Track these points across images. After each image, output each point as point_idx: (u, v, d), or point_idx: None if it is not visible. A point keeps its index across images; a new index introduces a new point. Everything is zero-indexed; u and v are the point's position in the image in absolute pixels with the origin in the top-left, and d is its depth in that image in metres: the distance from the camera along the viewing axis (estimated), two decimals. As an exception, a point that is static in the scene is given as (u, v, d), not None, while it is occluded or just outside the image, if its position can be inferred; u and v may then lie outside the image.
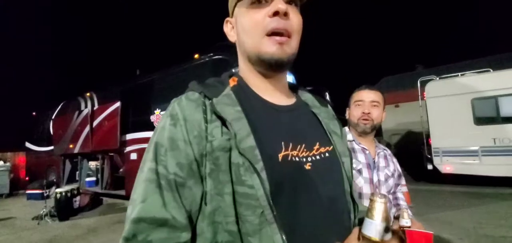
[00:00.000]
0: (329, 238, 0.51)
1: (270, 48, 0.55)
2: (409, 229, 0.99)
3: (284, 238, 0.46)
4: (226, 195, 0.48)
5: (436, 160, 6.94)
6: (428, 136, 7.25)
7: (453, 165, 6.63)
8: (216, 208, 0.48)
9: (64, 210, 5.91)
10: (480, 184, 6.49)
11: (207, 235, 0.49)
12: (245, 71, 0.64)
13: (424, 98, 7.34)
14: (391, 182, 1.29)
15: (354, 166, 1.20)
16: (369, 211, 0.47)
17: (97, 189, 7.75)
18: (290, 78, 5.99)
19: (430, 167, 7.08)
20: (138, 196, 0.48)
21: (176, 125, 0.51)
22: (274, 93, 0.62)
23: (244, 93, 0.59)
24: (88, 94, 8.53)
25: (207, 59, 5.71)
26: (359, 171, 1.23)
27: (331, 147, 0.61)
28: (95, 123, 7.48)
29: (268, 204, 0.46)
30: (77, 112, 8.21)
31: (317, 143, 0.59)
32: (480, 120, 6.44)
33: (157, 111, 6.26)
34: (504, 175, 6.00)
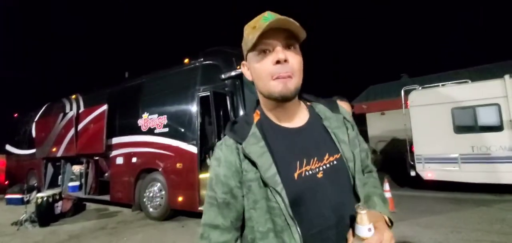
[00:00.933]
0: (337, 229, 0.71)
1: (277, 88, 0.73)
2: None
3: (300, 233, 0.68)
4: (258, 209, 0.71)
5: (419, 167, 7.16)
6: (411, 143, 7.48)
7: (435, 172, 6.87)
8: (249, 217, 0.74)
9: (45, 215, 5.73)
10: (459, 190, 6.74)
11: (245, 232, 0.76)
12: (264, 103, 0.82)
13: (408, 106, 7.59)
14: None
15: None
16: (356, 220, 0.65)
17: (81, 194, 7.53)
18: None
19: (413, 173, 7.30)
20: (204, 210, 0.80)
21: (219, 165, 0.77)
22: (289, 118, 0.80)
23: (266, 125, 0.79)
24: (73, 96, 8.33)
25: (197, 64, 5.71)
26: None
27: (339, 154, 0.76)
28: (80, 126, 7.30)
29: (288, 213, 0.68)
30: (61, 115, 7.99)
31: (327, 154, 0.75)
32: (459, 129, 6.71)
33: (145, 114, 6.18)
34: (481, 182, 6.26)
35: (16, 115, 10.96)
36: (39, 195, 5.90)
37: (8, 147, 10.60)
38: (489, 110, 6.34)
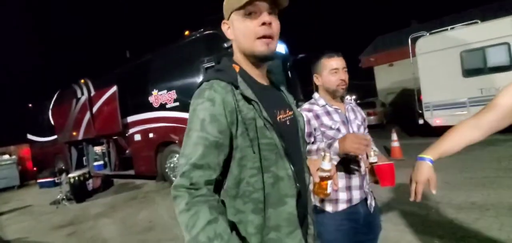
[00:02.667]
0: (302, 168, 0.91)
1: (261, 48, 0.82)
2: (376, 164, 1.30)
3: (291, 166, 0.80)
4: (254, 146, 0.77)
5: (427, 114, 7.23)
6: (419, 92, 7.48)
7: (443, 118, 6.94)
8: (243, 155, 0.77)
9: (80, 192, 6.27)
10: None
11: (235, 173, 0.79)
12: (242, 61, 0.89)
13: (415, 54, 7.48)
14: (361, 129, 1.49)
15: (332, 126, 1.40)
16: (322, 157, 0.95)
17: (107, 172, 8.08)
18: (281, 47, 6.06)
19: (421, 121, 7.39)
20: (189, 152, 0.74)
21: (214, 105, 0.75)
22: (261, 77, 0.91)
23: (247, 78, 0.85)
24: (82, 81, 8.57)
25: (198, 35, 5.74)
26: (338, 129, 1.39)
27: (292, 112, 0.93)
28: (94, 109, 7.62)
29: (281, 146, 0.79)
30: (74, 100, 8.31)
31: (287, 109, 0.91)
32: (468, 72, 6.64)
33: (154, 91, 6.37)
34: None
35: (30, 105, 11.38)
36: (71, 175, 6.41)
37: (30, 136, 11.18)
38: (499, 50, 6.20)
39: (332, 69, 1.44)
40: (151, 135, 6.59)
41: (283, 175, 0.79)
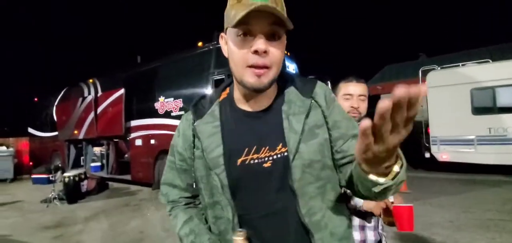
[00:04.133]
0: (283, 216, 0.72)
1: (250, 79, 0.68)
2: (392, 204, 1.19)
3: (234, 210, 0.71)
4: (203, 183, 0.76)
5: (434, 148, 7.10)
6: (427, 125, 7.39)
7: (450, 153, 6.81)
8: (199, 187, 0.79)
9: (73, 193, 6.09)
10: (473, 172, 6.69)
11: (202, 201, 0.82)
12: (235, 83, 0.78)
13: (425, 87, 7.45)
14: None
15: None
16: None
17: (103, 174, 7.92)
18: (292, 67, 6.07)
19: (427, 155, 7.26)
20: (164, 171, 0.88)
21: (179, 136, 0.83)
22: (252, 102, 0.76)
23: (228, 106, 0.79)
24: (91, 81, 8.58)
25: (211, 47, 5.75)
26: None
27: (286, 148, 0.71)
28: (99, 109, 7.58)
29: (223, 194, 0.71)
30: (81, 99, 8.28)
31: (280, 144, 0.72)
32: (477, 110, 6.57)
33: (161, 98, 6.34)
34: (496, 163, 6.20)
35: (36, 99, 11.40)
36: (66, 174, 6.26)
37: (31, 130, 11.11)
38: (509, 90, 6.16)
39: (345, 94, 1.35)
40: (152, 141, 6.49)
41: (223, 219, 0.73)
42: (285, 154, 0.70)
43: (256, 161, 0.71)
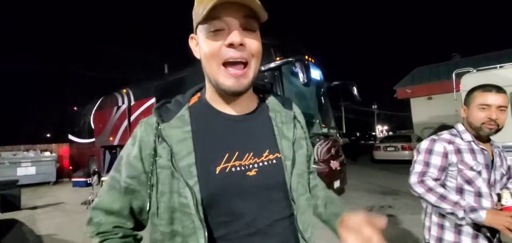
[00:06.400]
0: (267, 235, 0.60)
1: (227, 81, 0.60)
2: (507, 206, 1.19)
3: (206, 239, 0.56)
4: (162, 203, 0.59)
5: (472, 156, 6.65)
6: (463, 131, 6.93)
7: (491, 161, 6.34)
8: (153, 212, 0.61)
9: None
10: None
11: (151, 233, 0.64)
12: (208, 87, 0.69)
13: (459, 90, 7.02)
14: (504, 179, 1.33)
15: (474, 167, 1.24)
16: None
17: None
18: (316, 73, 6.02)
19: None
20: (101, 192, 0.68)
21: (134, 144, 0.65)
22: (233, 105, 0.67)
23: (201, 109, 0.67)
24: (124, 90, 9.15)
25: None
26: (479, 173, 1.25)
27: (276, 154, 0.65)
28: (132, 117, 8.07)
29: (196, 212, 0.56)
30: (115, 108, 8.87)
31: (267, 150, 0.64)
32: (520, 114, 6.06)
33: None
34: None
35: (75, 108, 12.36)
36: (104, 178, 6.69)
37: (71, 137, 12.06)
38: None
39: (482, 104, 1.25)
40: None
41: None
42: (273, 161, 0.64)
43: (238, 168, 0.61)
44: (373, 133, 38.48)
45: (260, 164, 0.62)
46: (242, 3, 0.56)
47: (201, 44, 0.63)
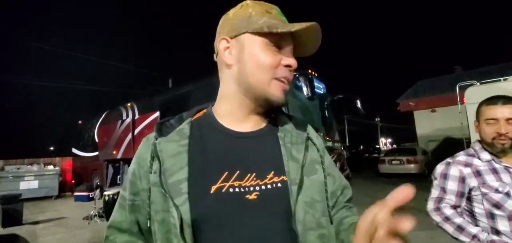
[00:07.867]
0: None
1: (278, 93, 0.61)
2: None
3: None
4: (156, 222, 0.57)
5: (478, 169, 6.55)
6: (468, 143, 6.87)
7: (498, 175, 6.23)
8: (153, 230, 0.58)
9: (112, 211, 6.44)
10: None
11: None
12: (225, 98, 0.66)
13: (464, 102, 7.02)
14: None
15: (499, 188, 1.11)
16: None
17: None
18: (320, 87, 6.06)
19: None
20: (114, 210, 0.68)
21: (135, 162, 0.65)
22: (243, 121, 0.64)
23: (204, 123, 0.64)
24: (129, 104, 9.24)
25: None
26: (508, 194, 1.10)
27: (281, 177, 0.58)
28: (136, 131, 8.10)
29: (181, 235, 0.51)
30: (120, 121, 8.92)
31: (272, 172, 0.58)
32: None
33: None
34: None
35: (80, 122, 12.45)
36: (106, 192, 6.64)
37: (74, 150, 12.08)
38: None
39: (489, 119, 1.17)
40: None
41: None
42: (278, 184, 0.57)
43: (237, 189, 0.55)
44: (377, 146, 38.32)
45: (263, 187, 0.56)
46: (316, 37, 0.61)
47: (249, 51, 0.60)
